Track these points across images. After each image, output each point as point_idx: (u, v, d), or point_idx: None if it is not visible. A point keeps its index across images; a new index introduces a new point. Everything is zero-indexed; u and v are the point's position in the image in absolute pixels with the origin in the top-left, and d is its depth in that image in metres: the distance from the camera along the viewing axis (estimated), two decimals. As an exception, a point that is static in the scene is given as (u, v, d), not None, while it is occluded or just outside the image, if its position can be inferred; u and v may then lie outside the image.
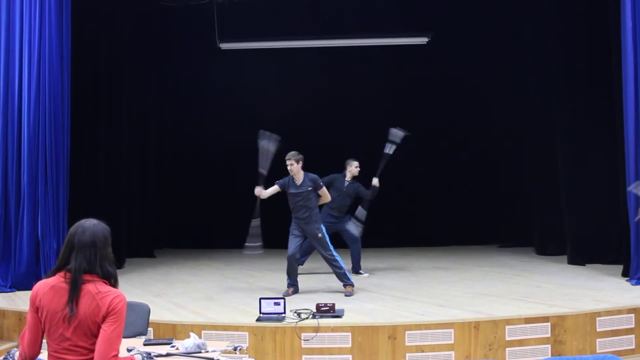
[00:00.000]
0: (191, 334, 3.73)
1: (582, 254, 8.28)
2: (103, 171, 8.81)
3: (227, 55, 10.10)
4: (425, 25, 9.84)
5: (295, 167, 6.48)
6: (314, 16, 9.98)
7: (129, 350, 3.63)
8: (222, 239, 10.81)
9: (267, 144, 6.44)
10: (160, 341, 3.92)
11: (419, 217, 10.74)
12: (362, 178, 7.84)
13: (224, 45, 9.83)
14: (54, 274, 2.74)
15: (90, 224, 2.78)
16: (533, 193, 9.72)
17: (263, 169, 6.46)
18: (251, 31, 10.07)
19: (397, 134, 7.51)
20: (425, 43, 9.76)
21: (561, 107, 8.61)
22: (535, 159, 9.61)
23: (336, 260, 6.58)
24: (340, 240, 7.68)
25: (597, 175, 8.17)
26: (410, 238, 10.70)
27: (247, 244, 6.65)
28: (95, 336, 2.64)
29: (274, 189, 6.63)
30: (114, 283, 2.76)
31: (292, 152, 6.53)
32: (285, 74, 10.61)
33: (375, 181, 7.52)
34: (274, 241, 8.11)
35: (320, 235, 6.59)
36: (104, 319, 2.65)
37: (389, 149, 7.50)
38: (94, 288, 2.68)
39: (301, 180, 6.55)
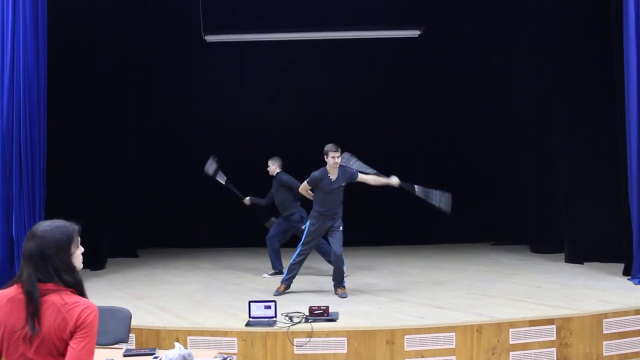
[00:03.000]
0: (176, 343, 3.40)
1: (580, 252, 8.05)
2: (82, 167, 8.40)
3: (213, 48, 9.74)
4: (417, 17, 9.54)
5: (339, 160, 6.24)
6: (303, 8, 9.64)
7: (106, 363, 3.31)
8: (208, 237, 10.47)
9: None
10: (142, 351, 3.58)
11: (410, 215, 10.43)
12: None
13: (210, 38, 9.46)
14: (12, 284, 2.39)
15: (42, 229, 2.40)
16: (528, 190, 9.47)
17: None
18: (238, 23, 9.73)
19: (211, 165, 7.89)
20: (417, 36, 9.46)
21: (560, 99, 8.34)
22: (531, 155, 9.35)
23: (343, 260, 6.33)
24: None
25: (596, 172, 7.94)
26: (402, 236, 10.42)
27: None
28: (62, 355, 2.28)
29: (307, 187, 6.40)
30: (81, 291, 2.40)
31: (334, 145, 6.24)
32: (272, 67, 10.28)
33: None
34: (260, 241, 7.86)
35: (341, 228, 6.35)
36: (71, 335, 2.29)
37: (222, 178, 7.90)
38: (59, 299, 2.32)
39: (336, 175, 6.26)
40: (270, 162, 7.61)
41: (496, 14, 9.65)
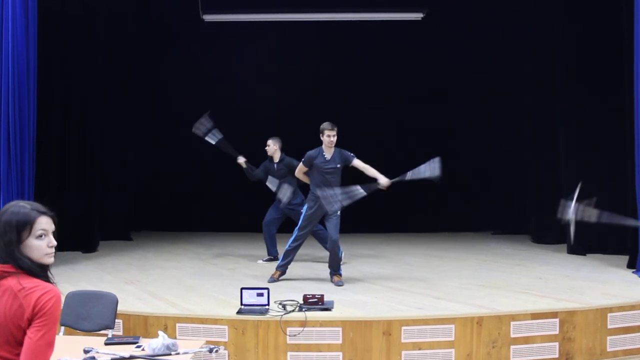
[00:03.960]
0: (160, 333, 3.22)
1: (582, 243, 7.84)
2: (76, 147, 8.19)
3: (210, 28, 9.49)
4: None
5: (335, 139, 6.03)
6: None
7: (86, 352, 3.13)
8: (204, 221, 10.29)
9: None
10: (124, 340, 3.39)
11: (408, 202, 10.23)
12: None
13: (208, 17, 9.21)
14: None
15: (1, 210, 2.19)
16: (529, 178, 9.26)
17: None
18: (236, 3, 9.46)
19: (202, 125, 7.41)
20: (420, 19, 9.21)
21: (564, 84, 8.10)
22: (533, 143, 9.13)
23: (339, 246, 6.16)
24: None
25: (601, 160, 7.72)
26: (401, 223, 10.22)
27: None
28: (22, 344, 2.08)
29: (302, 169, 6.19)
30: (39, 273, 2.17)
31: (330, 123, 6.01)
32: (272, 48, 10.03)
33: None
34: (257, 225, 7.65)
35: (339, 213, 6.11)
36: (29, 323, 2.07)
37: (213, 139, 7.41)
38: (16, 283, 2.09)
39: (331, 155, 6.05)
40: (270, 142, 7.34)
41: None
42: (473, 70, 9.84)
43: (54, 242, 2.20)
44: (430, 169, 6.05)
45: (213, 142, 7.44)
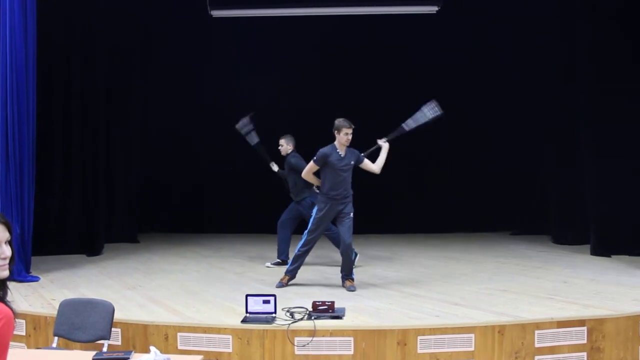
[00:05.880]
0: (152, 348, 2.94)
1: (607, 244, 7.49)
2: (79, 147, 7.96)
3: (218, 24, 9.23)
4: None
5: (350, 137, 5.73)
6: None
7: (70, 369, 2.86)
8: (213, 223, 10.06)
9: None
10: (114, 356, 3.11)
11: (424, 201, 9.92)
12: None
13: (216, 13, 8.95)
14: None
15: None
16: (550, 176, 8.89)
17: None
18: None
19: (244, 125, 7.35)
20: (435, 12, 8.87)
21: (587, 88, 7.70)
22: (554, 139, 8.77)
23: (353, 249, 5.87)
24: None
25: (625, 159, 7.36)
26: (415, 223, 9.90)
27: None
28: None
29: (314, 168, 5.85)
30: None
31: (347, 121, 5.72)
32: (282, 44, 9.75)
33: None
34: (268, 226, 7.38)
35: (352, 215, 5.82)
36: None
37: (252, 140, 7.38)
38: None
39: (344, 153, 5.75)
40: (282, 141, 7.10)
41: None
42: (492, 65, 9.48)
43: (7, 253, 1.91)
44: (431, 113, 5.85)
45: (252, 143, 7.35)
